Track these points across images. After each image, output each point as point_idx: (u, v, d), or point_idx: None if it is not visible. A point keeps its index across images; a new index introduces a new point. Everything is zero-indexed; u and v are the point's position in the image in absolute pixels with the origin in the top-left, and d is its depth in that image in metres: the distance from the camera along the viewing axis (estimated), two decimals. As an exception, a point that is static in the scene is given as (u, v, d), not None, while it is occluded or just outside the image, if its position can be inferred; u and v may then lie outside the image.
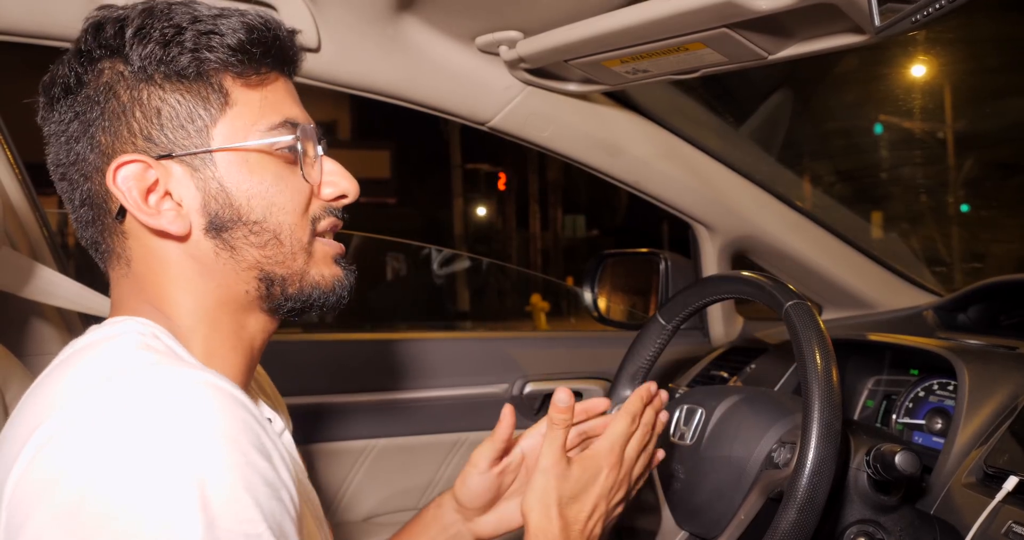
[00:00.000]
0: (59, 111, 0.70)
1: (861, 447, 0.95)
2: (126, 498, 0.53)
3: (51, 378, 0.66)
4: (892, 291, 1.62)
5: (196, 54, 0.68)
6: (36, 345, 1.16)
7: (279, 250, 0.72)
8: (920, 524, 0.95)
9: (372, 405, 1.41)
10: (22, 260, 1.06)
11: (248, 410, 0.61)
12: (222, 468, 0.55)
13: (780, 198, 1.54)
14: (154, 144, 0.68)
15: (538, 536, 0.81)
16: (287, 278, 0.73)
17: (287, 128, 0.72)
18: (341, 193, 0.77)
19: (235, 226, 0.70)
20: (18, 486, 0.57)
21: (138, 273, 0.72)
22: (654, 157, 1.40)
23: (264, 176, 0.71)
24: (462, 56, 1.20)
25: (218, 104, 0.70)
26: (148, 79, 0.68)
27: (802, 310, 0.91)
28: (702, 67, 1.08)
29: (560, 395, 0.85)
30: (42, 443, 0.57)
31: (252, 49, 0.70)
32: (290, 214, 0.72)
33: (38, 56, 0.74)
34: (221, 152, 0.70)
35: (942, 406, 1.18)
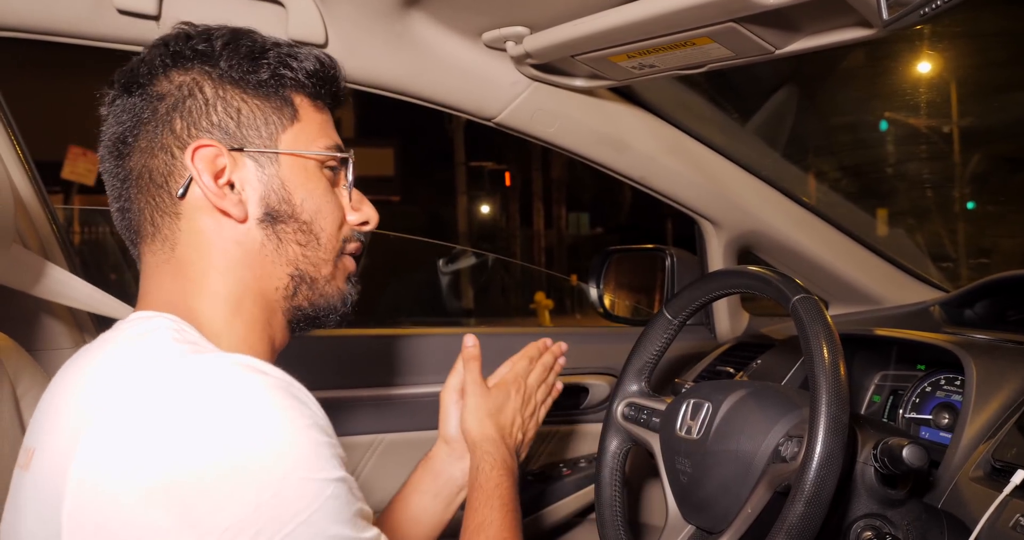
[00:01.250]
0: (136, 97, 0.76)
1: (868, 441, 0.95)
2: (214, 473, 0.58)
3: (85, 368, 0.68)
4: (898, 287, 1.62)
5: (277, 71, 0.78)
6: (46, 341, 1.16)
7: (316, 252, 0.80)
8: (927, 518, 0.95)
9: (379, 400, 1.41)
10: (33, 258, 1.07)
11: (284, 379, 0.66)
12: (298, 431, 0.61)
13: (786, 193, 1.54)
14: (229, 137, 0.75)
15: (483, 441, 1.02)
16: (315, 281, 0.81)
17: (338, 151, 0.83)
18: (365, 219, 0.87)
19: (287, 221, 0.78)
20: (90, 474, 0.59)
21: (181, 257, 0.75)
22: (660, 153, 1.40)
23: (316, 186, 0.80)
24: (468, 52, 1.20)
25: (289, 116, 0.79)
26: (233, 82, 0.76)
27: (809, 304, 0.91)
28: (709, 62, 1.08)
29: (468, 339, 1.09)
30: (105, 436, 0.60)
31: (322, 78, 0.81)
32: (331, 224, 0.82)
33: (44, 55, 0.75)
34: (287, 155, 0.78)
35: (949, 401, 1.18)
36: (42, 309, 1.16)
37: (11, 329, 1.01)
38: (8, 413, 0.90)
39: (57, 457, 0.61)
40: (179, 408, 0.60)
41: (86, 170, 3.71)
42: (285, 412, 0.62)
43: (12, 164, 1.14)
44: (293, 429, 0.61)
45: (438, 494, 1.06)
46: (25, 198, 1.15)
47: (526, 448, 1.11)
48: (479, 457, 1.00)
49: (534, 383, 1.13)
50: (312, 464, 0.61)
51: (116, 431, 0.60)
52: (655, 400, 1.15)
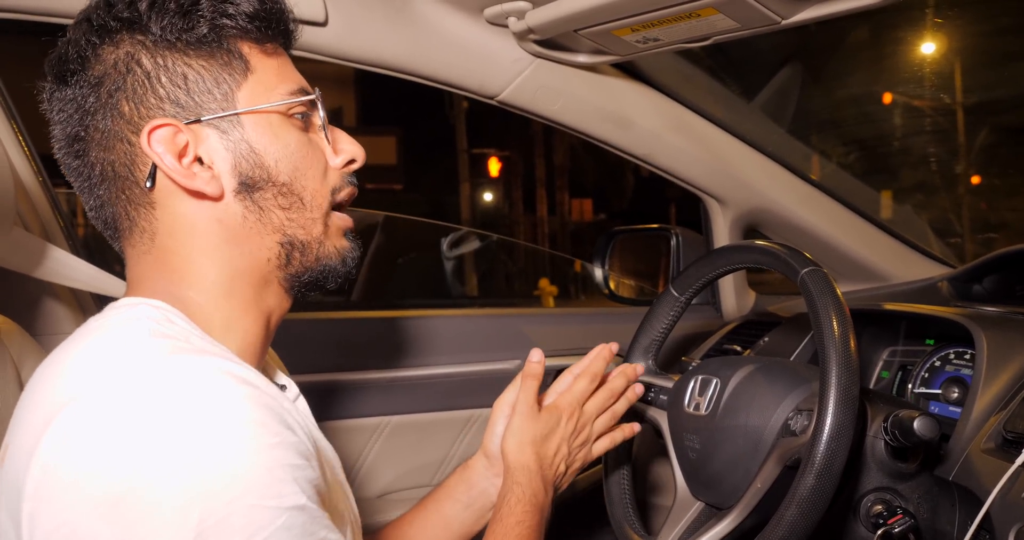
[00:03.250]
0: (73, 86, 0.70)
1: (878, 415, 0.94)
2: (162, 491, 0.54)
3: (62, 360, 0.66)
4: (906, 263, 1.61)
5: (215, 22, 0.69)
6: (50, 325, 1.16)
7: (302, 213, 0.74)
8: (938, 491, 0.95)
9: (385, 382, 1.41)
10: (35, 241, 1.06)
11: (263, 391, 0.61)
12: (257, 451, 0.57)
13: (792, 170, 1.53)
14: (182, 108, 0.69)
15: (517, 469, 0.93)
16: (307, 244, 0.75)
17: (303, 94, 0.75)
18: (351, 158, 0.79)
19: (265, 187, 0.72)
20: (47, 474, 0.57)
21: (162, 246, 0.72)
22: (664, 130, 1.39)
23: (288, 140, 0.74)
24: (470, 28, 1.19)
25: (240, 70, 0.71)
26: (171, 46, 0.69)
27: (818, 277, 0.90)
28: (714, 34, 1.06)
29: (534, 354, 0.98)
30: (64, 436, 0.57)
31: (266, 17, 0.72)
32: (312, 179, 0.75)
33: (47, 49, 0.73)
34: (248, 115, 0.71)
35: (958, 375, 1.18)
36: (45, 294, 1.16)
37: (15, 314, 1.01)
38: (13, 396, 0.90)
39: (23, 455, 0.59)
40: (139, 417, 0.57)
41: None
42: (249, 429, 0.57)
43: (13, 149, 1.13)
44: (253, 449, 0.57)
45: (470, 505, 1.01)
46: (26, 182, 1.15)
47: (568, 479, 1.00)
48: (509, 486, 0.92)
49: (592, 411, 1.00)
50: (266, 490, 0.56)
51: (74, 434, 0.57)
52: (662, 378, 1.15)
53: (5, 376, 0.89)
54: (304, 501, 0.58)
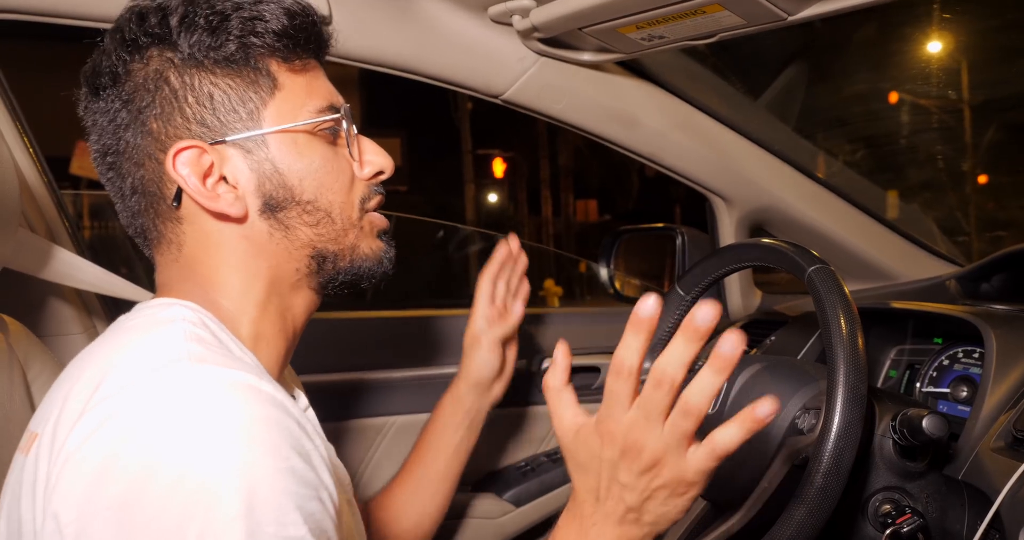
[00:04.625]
0: (106, 100, 0.71)
1: (886, 413, 0.93)
2: (170, 501, 0.54)
3: (97, 356, 0.66)
4: (913, 262, 1.60)
5: (243, 40, 0.70)
6: (56, 326, 1.16)
7: (331, 228, 0.75)
8: (948, 490, 0.94)
9: (390, 382, 1.41)
10: (41, 242, 1.06)
11: (287, 411, 0.61)
12: (265, 474, 0.56)
13: (798, 168, 1.52)
14: (208, 129, 0.70)
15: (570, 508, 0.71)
16: (339, 253, 0.76)
17: (330, 111, 0.75)
18: (379, 170, 0.80)
19: (289, 206, 0.73)
20: (71, 468, 0.57)
21: (190, 257, 0.73)
22: (670, 128, 1.38)
23: (313, 157, 0.73)
24: (474, 27, 1.18)
25: (267, 88, 0.72)
26: (199, 65, 0.69)
27: (825, 274, 0.89)
28: (719, 31, 1.06)
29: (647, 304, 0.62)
30: (92, 430, 0.57)
31: (295, 34, 0.72)
32: (338, 193, 0.75)
33: (52, 53, 0.74)
34: (273, 134, 0.71)
35: (967, 374, 1.17)
36: (51, 296, 1.16)
37: (21, 316, 1.01)
38: (19, 398, 0.90)
39: (53, 446, 0.60)
40: (158, 425, 0.56)
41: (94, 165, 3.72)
42: (261, 450, 0.56)
43: (18, 151, 1.13)
44: (263, 471, 0.56)
45: (472, 426, 1.14)
46: (32, 184, 1.15)
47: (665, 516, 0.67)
48: None
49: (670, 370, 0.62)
50: (268, 514, 0.55)
51: (100, 432, 0.57)
52: (669, 377, 1.14)
53: (12, 377, 0.89)
54: (304, 532, 0.56)
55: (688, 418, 0.62)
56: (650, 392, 0.62)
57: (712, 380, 0.62)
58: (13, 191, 0.90)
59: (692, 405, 0.62)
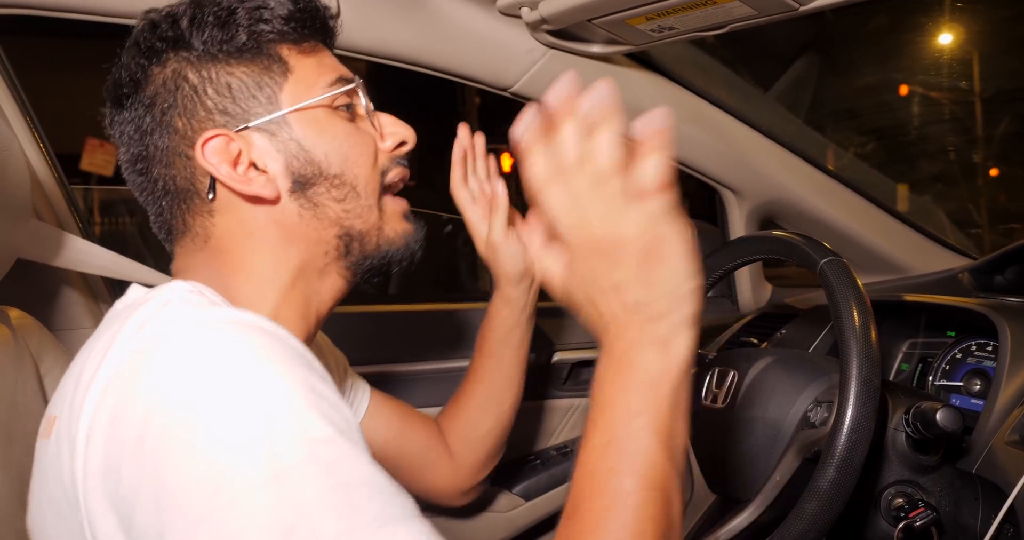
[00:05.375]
0: (130, 109, 0.74)
1: (899, 407, 0.93)
2: (184, 423, 0.54)
3: (104, 335, 0.67)
4: (925, 254, 1.59)
5: (252, 28, 0.72)
6: (67, 320, 1.17)
7: (357, 203, 0.76)
8: (961, 484, 0.94)
9: (400, 376, 1.41)
10: (51, 231, 1.07)
11: (295, 347, 0.61)
12: (276, 383, 0.55)
13: (808, 160, 1.51)
14: (231, 117, 0.72)
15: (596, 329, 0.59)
16: (366, 234, 0.77)
17: (342, 83, 0.77)
18: (401, 140, 0.81)
19: (318, 182, 0.74)
20: (91, 425, 0.58)
21: (216, 247, 0.75)
22: (679, 120, 1.38)
23: (335, 132, 0.75)
24: (483, 19, 1.18)
25: (280, 71, 0.74)
26: (213, 59, 0.72)
27: (838, 267, 0.89)
28: (730, 22, 1.05)
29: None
30: (103, 387, 0.59)
31: (301, 18, 0.74)
32: (363, 167, 0.77)
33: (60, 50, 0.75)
34: (293, 113, 0.73)
35: (980, 367, 1.16)
36: (63, 291, 1.16)
37: (33, 310, 1.01)
38: (32, 390, 0.91)
39: (72, 418, 0.61)
40: (158, 363, 0.57)
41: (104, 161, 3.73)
42: (266, 367, 0.56)
43: (29, 146, 1.14)
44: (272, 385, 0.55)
45: (530, 318, 1.11)
46: (42, 178, 1.15)
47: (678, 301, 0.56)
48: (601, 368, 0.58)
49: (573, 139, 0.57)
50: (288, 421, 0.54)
51: (107, 384, 0.58)
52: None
53: (24, 370, 0.89)
54: (332, 433, 0.54)
55: (618, 177, 0.55)
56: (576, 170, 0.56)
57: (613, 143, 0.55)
58: (24, 184, 0.90)
59: (599, 156, 0.55)
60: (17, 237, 0.91)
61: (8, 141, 0.87)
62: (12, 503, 0.76)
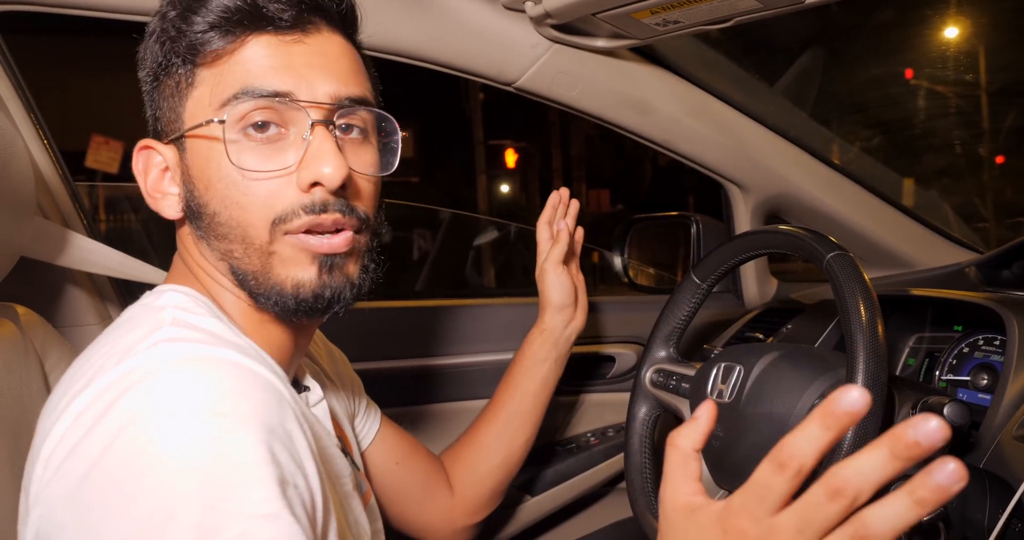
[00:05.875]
0: None
1: (906, 402, 0.92)
2: (123, 477, 0.53)
3: (91, 353, 0.67)
4: (932, 249, 1.58)
5: (169, 55, 0.68)
6: (72, 317, 1.17)
7: (237, 245, 0.67)
8: (969, 478, 0.93)
9: (407, 371, 1.40)
10: (56, 229, 1.07)
11: (271, 387, 0.60)
12: (227, 449, 0.54)
13: (814, 154, 1.50)
14: (160, 130, 0.72)
15: None
16: (251, 274, 0.68)
17: (248, 97, 0.64)
18: (313, 180, 0.65)
19: (202, 215, 0.68)
20: (48, 458, 0.58)
21: (179, 250, 0.76)
22: (684, 115, 1.37)
23: (220, 163, 0.65)
24: (488, 14, 1.17)
25: (186, 86, 0.68)
26: (155, 68, 0.70)
27: (844, 261, 0.88)
28: (735, 15, 1.04)
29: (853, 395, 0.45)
30: (71, 421, 0.58)
31: (225, 25, 0.65)
32: (248, 210, 0.65)
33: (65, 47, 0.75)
34: (190, 137, 0.68)
35: (988, 362, 1.15)
36: (67, 287, 1.16)
37: (38, 307, 1.01)
38: (37, 388, 0.91)
39: (42, 441, 0.60)
40: (120, 405, 0.56)
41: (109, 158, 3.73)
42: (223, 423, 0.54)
43: (33, 142, 1.13)
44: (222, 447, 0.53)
45: (559, 357, 1.19)
46: (47, 175, 1.15)
47: None
48: None
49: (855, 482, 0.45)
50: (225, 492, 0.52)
51: (75, 419, 0.57)
52: (684, 366, 1.13)
53: (29, 367, 0.89)
54: (278, 508, 0.53)
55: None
56: (823, 503, 0.45)
57: (907, 512, 0.43)
58: (28, 181, 0.90)
59: (870, 534, 0.44)
60: (21, 235, 0.91)
61: (12, 138, 0.87)
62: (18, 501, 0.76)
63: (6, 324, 0.88)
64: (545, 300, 1.20)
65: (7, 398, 0.81)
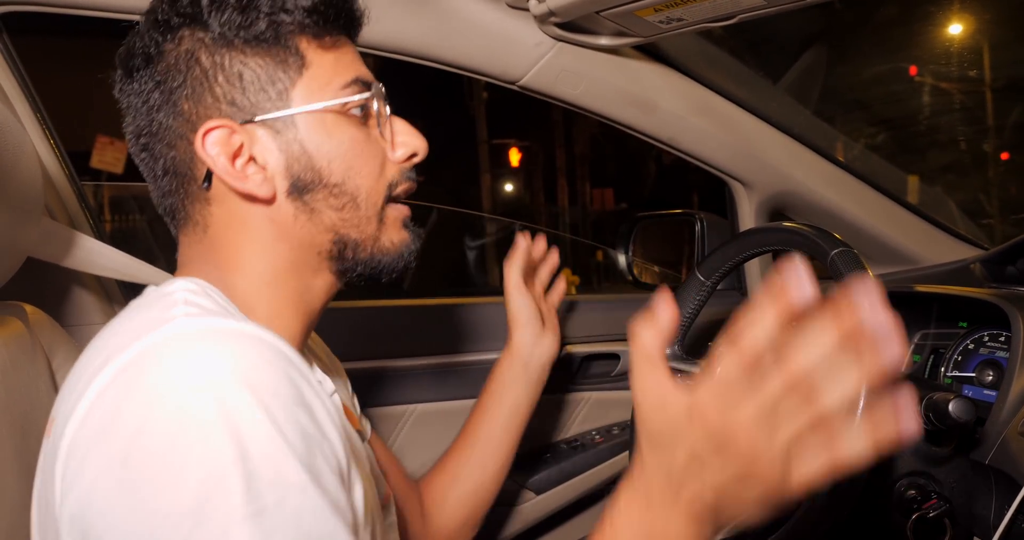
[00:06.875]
0: (139, 81, 0.71)
1: (911, 398, 0.92)
2: (168, 450, 0.54)
3: (103, 336, 0.67)
4: (937, 245, 1.58)
5: (273, 18, 0.69)
6: (79, 315, 1.17)
7: (355, 213, 0.74)
8: (974, 475, 0.93)
9: (411, 370, 1.41)
10: (64, 230, 1.07)
11: (291, 362, 0.61)
12: (259, 420, 0.55)
13: (818, 151, 1.50)
14: (238, 108, 0.69)
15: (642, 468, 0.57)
16: (360, 243, 0.75)
17: (359, 86, 0.73)
18: (412, 152, 0.78)
19: (317, 188, 0.72)
20: (74, 437, 0.58)
21: (214, 238, 0.73)
22: (688, 112, 1.37)
23: (342, 138, 0.72)
24: (491, 12, 1.18)
25: (296, 66, 0.71)
26: (229, 44, 0.69)
27: (849, 257, 0.88)
28: (739, 12, 1.04)
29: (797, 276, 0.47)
30: (94, 398, 0.58)
31: (325, 11, 0.71)
32: (367, 178, 0.74)
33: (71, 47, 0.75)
34: (302, 114, 0.70)
35: (993, 358, 1.15)
36: (74, 285, 1.17)
37: (45, 305, 1.02)
38: (45, 386, 0.91)
39: (64, 422, 0.60)
40: (153, 377, 0.56)
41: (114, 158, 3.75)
42: (249, 395, 0.55)
43: (40, 143, 1.14)
44: (251, 417, 0.55)
45: (529, 380, 1.16)
46: (54, 176, 1.16)
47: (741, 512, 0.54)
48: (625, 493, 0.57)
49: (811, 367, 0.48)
50: (260, 461, 0.54)
51: (100, 394, 0.58)
52: (689, 363, 1.13)
53: (36, 366, 0.90)
54: (306, 480, 0.55)
55: (820, 430, 0.48)
56: (782, 393, 0.48)
57: (855, 373, 0.46)
58: (36, 182, 0.91)
59: (828, 416, 0.47)
60: (29, 236, 0.92)
61: (22, 139, 0.87)
62: (27, 497, 0.77)
63: (14, 323, 0.89)
64: (509, 319, 1.19)
65: (15, 396, 0.82)
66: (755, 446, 0.49)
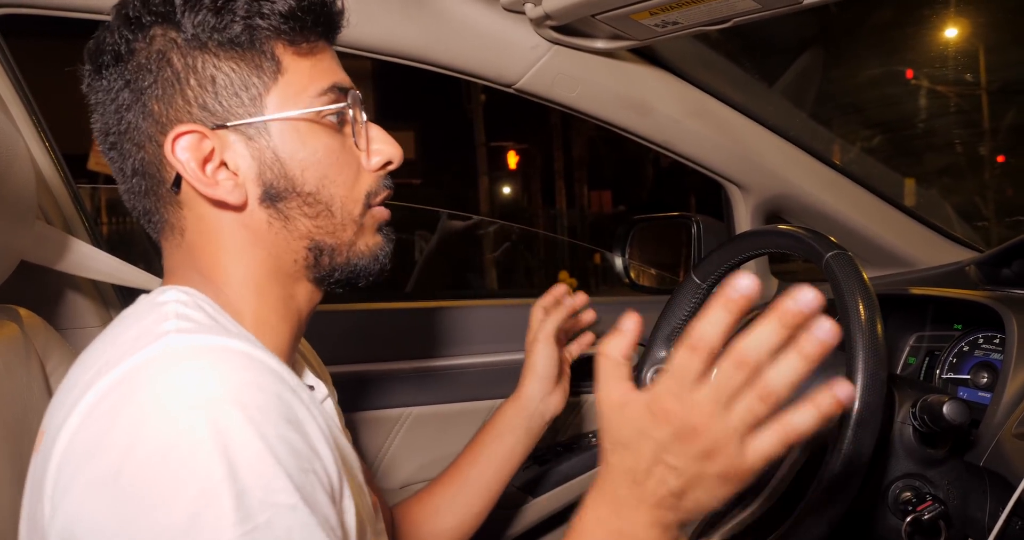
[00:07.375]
0: (108, 78, 0.69)
1: (906, 401, 0.93)
2: (159, 467, 0.54)
3: (95, 348, 0.67)
4: (932, 248, 1.58)
5: (248, 21, 0.67)
6: (74, 319, 1.17)
7: (330, 221, 0.73)
8: (969, 476, 0.93)
9: (406, 373, 1.41)
10: (57, 234, 1.07)
11: (282, 379, 0.61)
12: (249, 439, 0.55)
13: (814, 155, 1.50)
14: (209, 113, 0.68)
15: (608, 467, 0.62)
16: (336, 247, 0.74)
17: (335, 93, 0.72)
18: (387, 160, 0.76)
19: (289, 196, 0.70)
20: (64, 453, 0.58)
21: (191, 243, 0.72)
22: (684, 115, 1.37)
23: (316, 146, 0.71)
24: (487, 15, 1.18)
25: (271, 72, 0.69)
26: (202, 47, 0.67)
27: (843, 260, 0.88)
28: (734, 16, 1.05)
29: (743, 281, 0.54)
30: (84, 413, 0.58)
31: (303, 16, 0.69)
32: (341, 187, 0.72)
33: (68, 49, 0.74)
34: (275, 121, 0.69)
35: (988, 360, 1.15)
36: (68, 288, 1.17)
37: (39, 309, 1.02)
38: (38, 390, 0.91)
39: (52, 438, 0.60)
40: (139, 398, 0.56)
41: (111, 160, 3.75)
42: (239, 414, 0.55)
43: (35, 145, 1.14)
44: (241, 436, 0.55)
45: (529, 430, 1.13)
46: (48, 178, 1.16)
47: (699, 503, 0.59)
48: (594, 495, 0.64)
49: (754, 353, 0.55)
50: (250, 480, 0.54)
51: (89, 412, 0.57)
52: (685, 365, 1.13)
53: (30, 370, 0.89)
54: (296, 500, 0.55)
55: (765, 404, 0.55)
56: (730, 373, 0.55)
57: (797, 365, 0.54)
58: (30, 184, 0.90)
59: (772, 390, 0.55)
60: (22, 240, 0.91)
61: (14, 141, 0.87)
62: (19, 502, 0.76)
63: (8, 326, 0.88)
64: (528, 368, 1.15)
65: (8, 400, 0.82)
66: (712, 425, 0.56)
